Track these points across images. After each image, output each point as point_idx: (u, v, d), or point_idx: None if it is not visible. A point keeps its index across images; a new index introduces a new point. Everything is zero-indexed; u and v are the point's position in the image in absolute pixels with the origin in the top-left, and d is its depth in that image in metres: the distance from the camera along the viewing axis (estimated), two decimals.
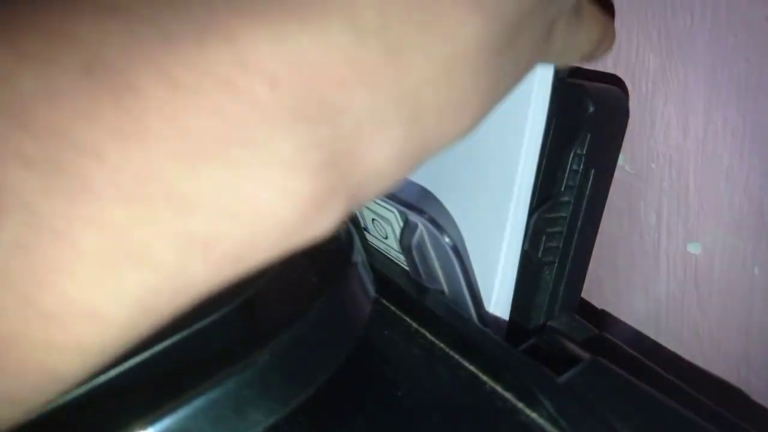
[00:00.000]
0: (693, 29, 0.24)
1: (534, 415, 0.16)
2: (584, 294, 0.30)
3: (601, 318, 0.33)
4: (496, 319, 0.21)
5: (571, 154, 0.22)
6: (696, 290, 0.29)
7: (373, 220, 0.23)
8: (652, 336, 0.32)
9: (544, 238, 0.22)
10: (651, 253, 0.30)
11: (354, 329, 0.15)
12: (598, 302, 0.34)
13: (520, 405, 0.17)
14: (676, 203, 0.28)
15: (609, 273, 0.33)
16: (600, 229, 0.33)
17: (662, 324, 0.31)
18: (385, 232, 0.22)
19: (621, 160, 0.30)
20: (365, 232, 0.24)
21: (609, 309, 0.34)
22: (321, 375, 0.14)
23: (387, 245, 0.23)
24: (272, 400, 0.14)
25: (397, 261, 0.22)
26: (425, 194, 0.21)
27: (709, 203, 0.27)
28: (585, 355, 0.19)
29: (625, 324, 0.33)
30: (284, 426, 0.19)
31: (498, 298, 0.23)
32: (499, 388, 0.17)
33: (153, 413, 0.13)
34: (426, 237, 0.19)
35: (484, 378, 0.18)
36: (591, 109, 0.23)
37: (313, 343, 0.14)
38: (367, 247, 0.24)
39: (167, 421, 0.13)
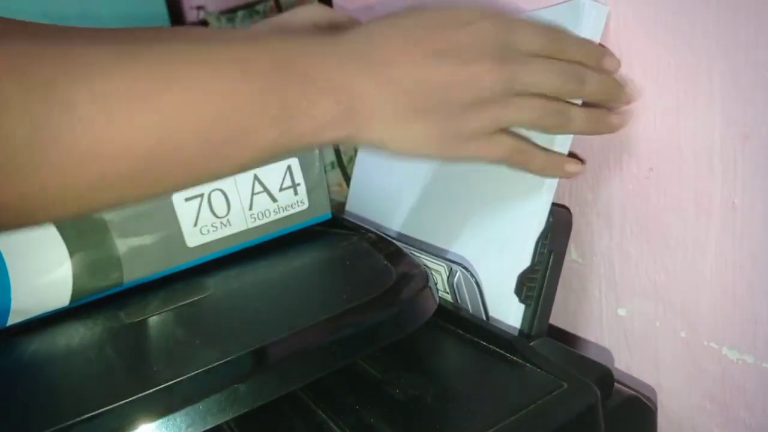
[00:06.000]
0: (609, 178, 0.43)
1: (514, 357, 0.33)
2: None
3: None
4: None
5: (540, 243, 0.39)
6: (625, 341, 0.46)
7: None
8: None
9: (524, 288, 0.39)
10: (596, 316, 0.47)
11: (411, 323, 0.32)
12: None
13: (507, 354, 0.33)
14: (609, 283, 0.46)
15: (570, 331, 0.50)
16: (562, 302, 0.50)
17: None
18: (436, 280, 0.39)
19: (575, 255, 0.47)
20: None
21: None
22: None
23: (438, 288, 0.40)
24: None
25: (443, 296, 0.40)
26: (461, 258, 0.38)
27: (628, 283, 0.44)
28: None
29: None
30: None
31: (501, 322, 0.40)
32: (497, 349, 0.34)
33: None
34: (462, 279, 0.36)
35: (490, 346, 0.34)
36: (551, 219, 0.41)
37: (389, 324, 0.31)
38: None
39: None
